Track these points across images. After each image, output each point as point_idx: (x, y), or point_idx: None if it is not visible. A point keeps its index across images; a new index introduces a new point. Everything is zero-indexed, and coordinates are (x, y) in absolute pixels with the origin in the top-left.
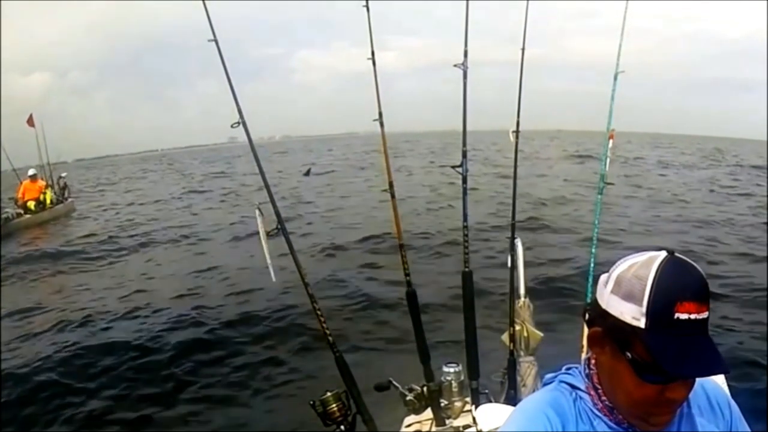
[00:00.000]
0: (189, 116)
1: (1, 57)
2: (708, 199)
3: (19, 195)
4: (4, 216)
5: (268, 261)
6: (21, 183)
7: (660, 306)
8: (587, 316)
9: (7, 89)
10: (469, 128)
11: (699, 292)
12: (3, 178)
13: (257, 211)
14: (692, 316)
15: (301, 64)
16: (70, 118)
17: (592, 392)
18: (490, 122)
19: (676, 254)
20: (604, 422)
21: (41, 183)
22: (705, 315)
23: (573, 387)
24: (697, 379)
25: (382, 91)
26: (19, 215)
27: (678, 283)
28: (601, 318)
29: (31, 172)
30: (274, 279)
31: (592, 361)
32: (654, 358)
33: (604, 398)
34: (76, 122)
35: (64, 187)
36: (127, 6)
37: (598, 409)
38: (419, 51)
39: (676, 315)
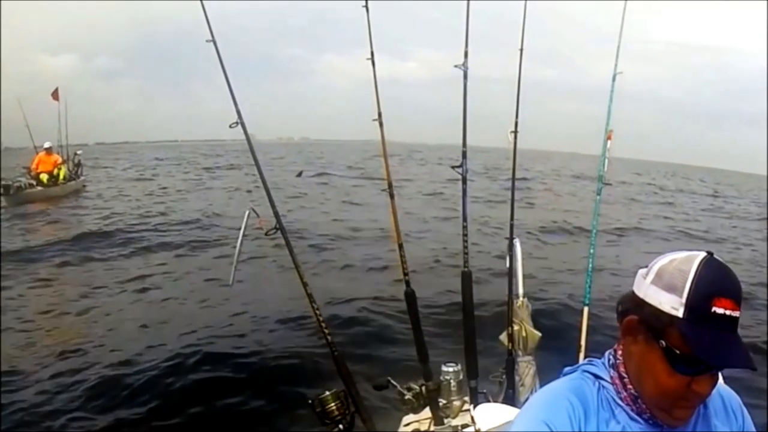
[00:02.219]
0: (210, 109)
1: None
2: None
3: (33, 166)
4: (16, 185)
5: (234, 263)
6: (36, 154)
7: (699, 298)
8: (620, 308)
9: (34, 68)
10: (485, 144)
11: (735, 291)
12: (24, 154)
13: (247, 213)
14: (728, 312)
15: (324, 67)
16: (94, 102)
17: (617, 382)
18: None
19: (715, 256)
20: (626, 412)
21: (56, 157)
22: (737, 314)
23: (596, 376)
24: None
25: (405, 102)
26: (30, 186)
27: (717, 280)
28: (637, 308)
29: (46, 144)
30: (231, 282)
31: (619, 352)
32: (689, 347)
33: (629, 387)
34: (100, 106)
35: (79, 164)
36: None
37: (620, 399)
38: (441, 62)
39: (714, 309)
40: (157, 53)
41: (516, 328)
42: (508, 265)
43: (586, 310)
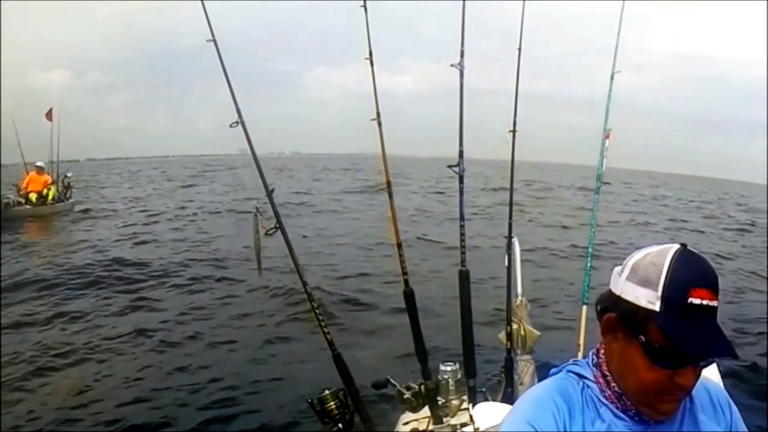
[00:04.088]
0: (203, 125)
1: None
2: None
3: (23, 185)
4: (5, 201)
5: (259, 260)
6: (27, 173)
7: (675, 290)
8: (599, 306)
9: (26, 84)
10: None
11: (710, 281)
12: (15, 171)
13: (254, 211)
14: (704, 302)
15: (315, 81)
16: (86, 117)
17: (601, 380)
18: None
19: (689, 247)
20: (610, 410)
21: (47, 177)
22: (715, 303)
23: (580, 376)
24: (700, 379)
25: (397, 114)
26: (19, 204)
27: (692, 270)
28: (614, 305)
29: (39, 163)
30: (260, 275)
31: (602, 351)
32: (668, 339)
33: (613, 385)
34: (92, 122)
35: (68, 186)
36: (149, 10)
37: (605, 397)
38: (435, 75)
39: (690, 300)
40: (151, 69)
41: (515, 326)
42: (506, 263)
43: (584, 308)
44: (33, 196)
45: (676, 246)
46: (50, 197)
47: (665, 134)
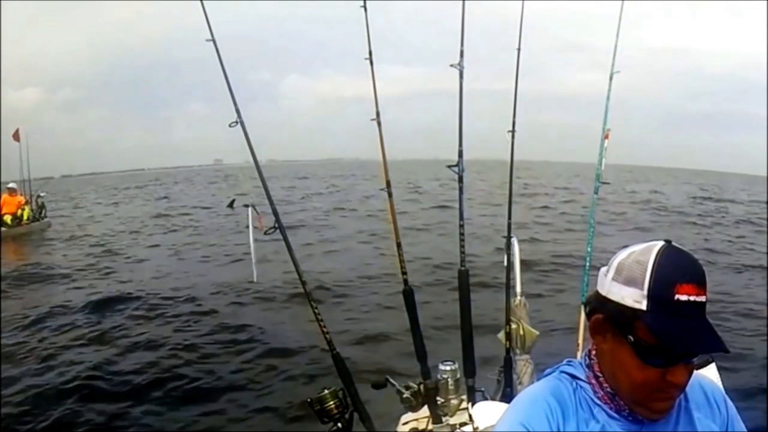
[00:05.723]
0: (178, 137)
1: (0, 60)
2: None
3: None
4: None
5: (253, 261)
6: (0, 196)
7: (660, 288)
8: (587, 308)
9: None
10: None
11: (697, 276)
12: None
13: (250, 210)
14: (691, 298)
15: (290, 89)
16: (59, 134)
17: (593, 381)
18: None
19: (673, 243)
20: (604, 410)
21: (20, 198)
22: (703, 298)
23: (573, 377)
24: (695, 377)
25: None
26: None
27: (677, 267)
28: (602, 306)
29: (11, 185)
30: (255, 279)
31: (593, 352)
32: (656, 337)
33: (605, 385)
34: (65, 138)
35: (42, 206)
36: (121, 25)
37: (598, 398)
38: (405, 80)
39: (676, 296)
40: (121, 83)
41: (514, 326)
42: (505, 263)
43: (583, 308)
44: (8, 218)
45: (661, 243)
46: (25, 217)
47: (645, 129)
